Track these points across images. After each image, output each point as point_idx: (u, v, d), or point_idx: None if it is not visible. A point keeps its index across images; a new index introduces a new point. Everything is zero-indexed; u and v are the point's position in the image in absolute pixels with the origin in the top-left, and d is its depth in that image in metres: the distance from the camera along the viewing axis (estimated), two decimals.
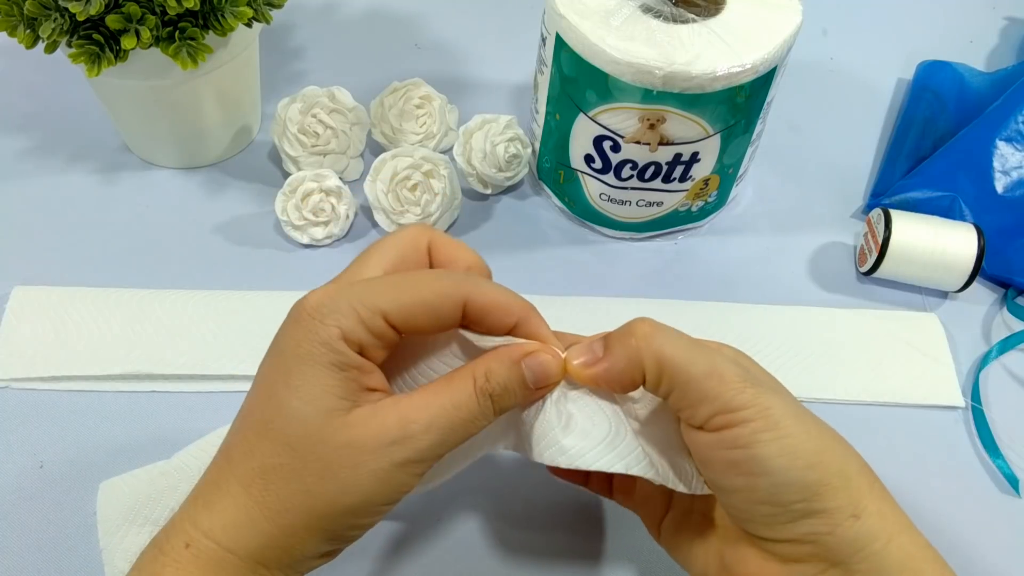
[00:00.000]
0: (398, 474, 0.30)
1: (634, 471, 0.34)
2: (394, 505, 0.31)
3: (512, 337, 0.33)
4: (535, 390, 0.33)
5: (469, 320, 0.32)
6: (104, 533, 0.39)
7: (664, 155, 0.49)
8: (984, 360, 0.51)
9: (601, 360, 0.33)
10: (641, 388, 0.33)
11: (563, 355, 0.33)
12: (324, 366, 0.30)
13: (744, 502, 0.31)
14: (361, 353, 0.31)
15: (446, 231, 0.55)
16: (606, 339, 0.33)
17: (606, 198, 0.53)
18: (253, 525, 0.30)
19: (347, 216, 0.53)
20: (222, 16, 0.47)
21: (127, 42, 0.44)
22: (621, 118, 0.48)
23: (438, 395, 0.31)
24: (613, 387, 0.33)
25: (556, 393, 0.34)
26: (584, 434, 0.34)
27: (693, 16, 0.47)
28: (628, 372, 0.32)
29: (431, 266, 0.34)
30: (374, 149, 0.58)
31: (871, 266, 0.53)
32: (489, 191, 0.57)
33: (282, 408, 0.30)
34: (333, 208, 0.53)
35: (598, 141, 0.50)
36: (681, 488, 0.34)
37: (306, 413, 0.30)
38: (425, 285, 0.31)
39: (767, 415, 0.30)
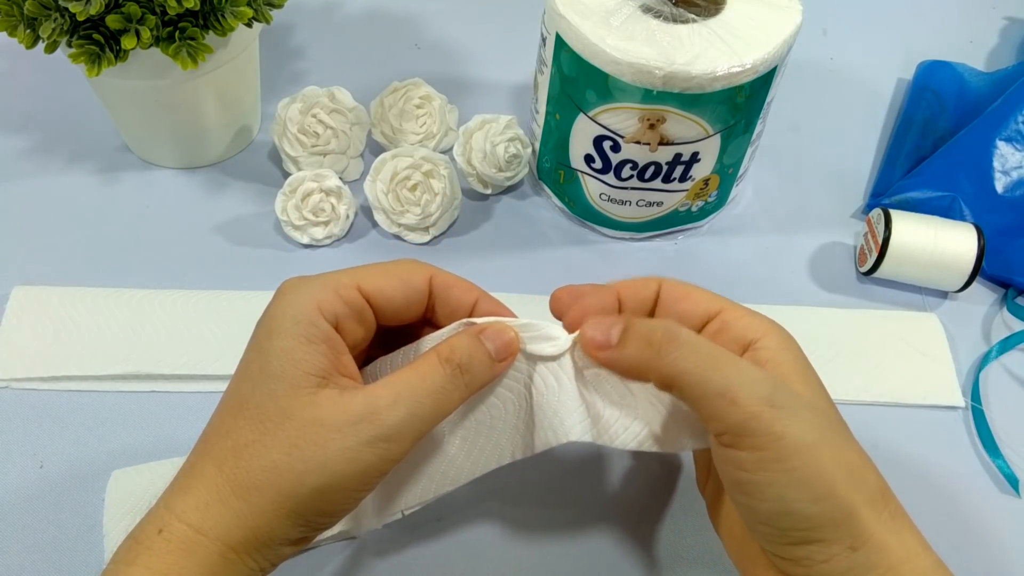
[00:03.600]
0: (367, 454, 0.30)
1: (646, 448, 0.34)
2: (365, 493, 0.31)
3: (469, 319, 0.34)
4: (498, 362, 0.33)
5: (435, 297, 0.35)
6: (109, 520, 0.40)
7: (664, 155, 0.49)
8: (984, 360, 0.51)
9: (613, 348, 0.32)
10: None
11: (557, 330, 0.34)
12: (294, 338, 0.31)
13: (746, 517, 0.31)
14: (337, 328, 0.32)
15: (446, 231, 0.55)
16: (625, 328, 0.32)
17: (606, 198, 0.53)
18: (224, 503, 0.30)
19: (347, 216, 0.53)
20: (222, 16, 0.47)
21: (127, 42, 0.44)
22: (621, 118, 0.48)
23: (404, 373, 0.32)
24: (617, 374, 0.34)
25: (572, 371, 0.34)
26: (597, 415, 0.35)
27: (693, 16, 0.47)
28: (634, 372, 0.32)
29: (430, 296, 0.35)
30: (374, 149, 0.58)
31: (871, 266, 0.53)
32: (489, 191, 0.57)
33: (255, 386, 0.31)
34: (333, 208, 0.53)
35: (598, 141, 0.50)
36: (689, 447, 0.35)
37: (275, 388, 0.30)
38: (394, 264, 0.34)
39: (778, 445, 0.29)
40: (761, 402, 0.29)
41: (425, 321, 0.36)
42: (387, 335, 0.36)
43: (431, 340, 0.35)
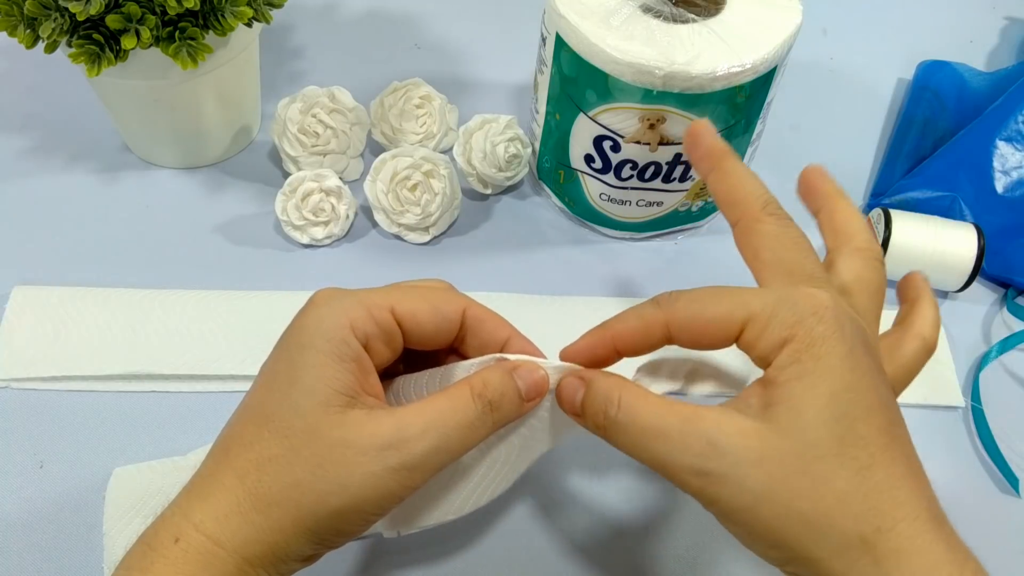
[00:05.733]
0: (390, 481, 0.30)
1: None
2: (380, 516, 0.31)
3: (502, 354, 0.34)
4: (526, 401, 0.33)
5: (467, 329, 0.34)
6: (109, 518, 0.40)
7: (664, 155, 0.49)
8: (984, 360, 0.51)
9: (575, 409, 0.32)
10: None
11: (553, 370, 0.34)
12: (325, 354, 0.30)
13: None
14: (365, 348, 0.32)
15: (446, 231, 0.55)
16: (586, 390, 0.32)
17: (606, 198, 0.53)
18: (243, 516, 0.29)
19: (347, 216, 0.53)
20: (222, 16, 0.47)
21: (127, 42, 0.44)
22: (621, 118, 0.48)
23: (434, 402, 0.31)
24: None
25: None
26: None
27: (693, 16, 0.47)
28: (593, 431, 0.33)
29: (461, 327, 0.35)
30: (374, 149, 0.58)
31: None
32: (489, 191, 0.57)
33: (283, 400, 0.31)
34: (333, 208, 0.53)
35: (598, 141, 0.50)
36: None
37: (303, 405, 0.30)
38: (429, 290, 0.34)
39: (715, 509, 0.29)
40: (687, 472, 0.29)
41: (451, 348, 0.36)
42: (409, 354, 0.36)
43: (461, 369, 0.34)
